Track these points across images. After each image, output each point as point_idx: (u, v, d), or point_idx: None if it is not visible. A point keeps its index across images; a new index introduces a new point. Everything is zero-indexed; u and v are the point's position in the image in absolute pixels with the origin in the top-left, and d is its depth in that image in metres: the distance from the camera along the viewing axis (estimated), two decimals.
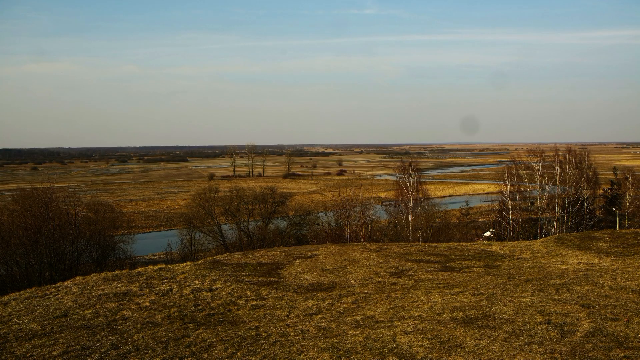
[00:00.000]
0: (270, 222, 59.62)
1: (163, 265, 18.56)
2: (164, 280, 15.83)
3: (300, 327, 10.85)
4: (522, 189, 45.16)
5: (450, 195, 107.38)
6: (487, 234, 47.39)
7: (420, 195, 42.52)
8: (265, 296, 13.71)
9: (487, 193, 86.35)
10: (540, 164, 44.16)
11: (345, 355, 8.97)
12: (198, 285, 15.04)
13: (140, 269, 18.00)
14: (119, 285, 15.28)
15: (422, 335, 9.70)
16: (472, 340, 9.30)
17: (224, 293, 14.12)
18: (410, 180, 42.09)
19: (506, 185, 42.64)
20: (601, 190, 50.79)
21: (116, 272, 17.51)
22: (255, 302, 13.09)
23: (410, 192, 41.43)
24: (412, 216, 40.73)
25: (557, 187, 43.42)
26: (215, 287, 14.84)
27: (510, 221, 40.36)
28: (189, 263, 19.46)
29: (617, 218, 46.88)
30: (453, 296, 12.64)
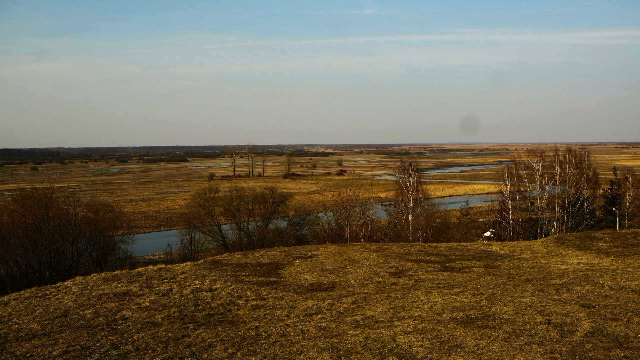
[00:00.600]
0: (270, 222, 59.64)
1: (163, 265, 18.56)
2: (164, 280, 15.83)
3: (300, 327, 10.84)
4: (522, 189, 45.15)
5: (450, 195, 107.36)
6: (487, 234, 47.39)
7: (420, 195, 42.53)
8: (265, 296, 13.71)
9: (487, 193, 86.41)
10: (540, 164, 44.15)
11: (345, 355, 8.96)
12: (198, 285, 15.03)
13: (140, 269, 18.01)
14: (119, 285, 15.28)
15: (422, 335, 9.69)
16: (472, 340, 9.30)
17: (224, 293, 14.12)
18: (410, 180, 42.09)
19: (506, 185, 42.64)
20: (601, 190, 50.78)
21: (116, 272, 17.52)
22: (255, 302, 13.09)
23: (410, 192, 41.44)
24: (412, 216, 40.73)
25: (557, 187, 43.40)
26: (215, 287, 14.84)
27: (510, 221, 40.34)
28: (189, 263, 19.47)
29: (617, 218, 46.84)
30: (453, 296, 12.63)
